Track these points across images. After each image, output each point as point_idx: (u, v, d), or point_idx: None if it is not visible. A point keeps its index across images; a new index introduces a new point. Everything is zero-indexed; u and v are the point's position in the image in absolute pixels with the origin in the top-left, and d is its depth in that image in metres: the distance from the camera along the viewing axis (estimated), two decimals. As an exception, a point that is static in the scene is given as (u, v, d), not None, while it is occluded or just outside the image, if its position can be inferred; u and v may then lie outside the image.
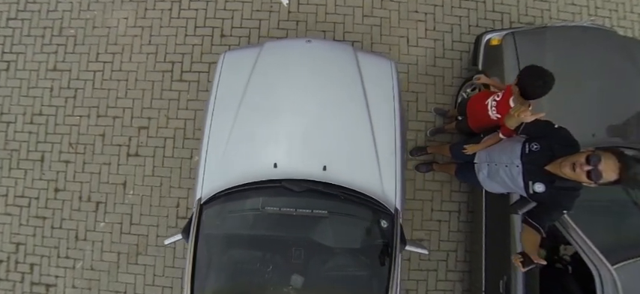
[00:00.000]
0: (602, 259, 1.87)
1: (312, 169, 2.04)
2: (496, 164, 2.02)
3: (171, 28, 3.12)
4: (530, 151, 1.82)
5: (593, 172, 1.54)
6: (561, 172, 1.66)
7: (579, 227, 1.97)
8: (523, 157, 1.84)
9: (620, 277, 1.83)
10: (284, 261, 1.95)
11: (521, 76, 1.83)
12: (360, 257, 1.98)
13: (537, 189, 1.78)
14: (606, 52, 2.49)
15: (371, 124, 2.14)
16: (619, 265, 1.85)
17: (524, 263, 1.67)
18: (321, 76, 2.20)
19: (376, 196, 2.04)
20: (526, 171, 1.83)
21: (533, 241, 1.74)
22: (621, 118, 2.37)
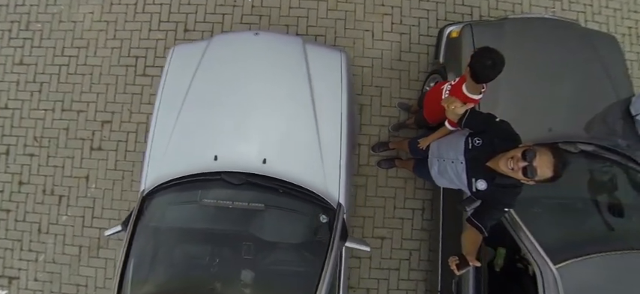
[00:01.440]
0: (545, 259, 1.81)
1: (251, 162, 2.03)
2: (444, 160, 1.98)
3: (135, 22, 3.15)
4: (472, 146, 1.76)
5: (529, 169, 1.48)
6: (499, 168, 1.60)
7: (525, 226, 1.91)
8: (466, 153, 1.79)
9: (562, 277, 1.76)
10: (220, 254, 1.94)
11: (472, 58, 1.78)
12: (297, 252, 1.96)
13: (480, 186, 1.72)
14: (567, 45, 2.43)
15: (315, 117, 2.12)
16: (561, 265, 1.79)
17: (460, 266, 1.59)
18: (266, 69, 2.19)
19: (317, 190, 2.02)
20: (469, 167, 1.78)
21: (473, 241, 1.68)
22: (582, 111, 2.30)
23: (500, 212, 1.70)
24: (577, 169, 2.22)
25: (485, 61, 1.72)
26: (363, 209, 2.92)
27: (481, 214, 1.71)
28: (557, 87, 2.31)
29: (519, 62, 2.32)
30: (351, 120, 2.23)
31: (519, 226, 1.91)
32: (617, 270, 1.83)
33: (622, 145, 2.32)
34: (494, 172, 1.65)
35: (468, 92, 1.96)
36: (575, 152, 2.17)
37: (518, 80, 2.29)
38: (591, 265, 1.80)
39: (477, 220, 1.70)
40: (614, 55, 2.54)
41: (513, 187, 1.65)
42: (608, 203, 2.15)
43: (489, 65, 1.71)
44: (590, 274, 1.79)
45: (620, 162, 2.22)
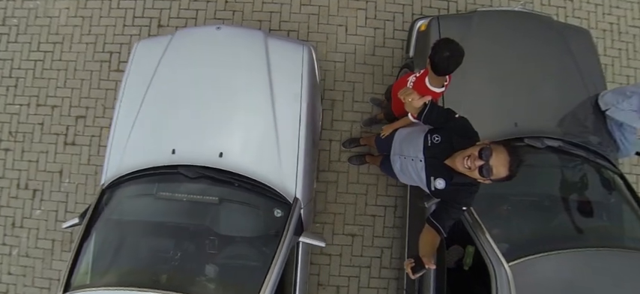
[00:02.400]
0: (499, 256, 1.78)
1: (208, 155, 2.04)
2: (405, 158, 1.94)
3: (110, 18, 3.18)
4: (431, 143, 1.72)
5: (485, 168, 1.45)
6: (456, 166, 1.57)
7: (482, 223, 1.89)
8: (425, 151, 1.75)
9: (514, 275, 1.74)
10: (174, 247, 1.95)
11: (431, 50, 1.76)
12: (251, 246, 1.97)
13: (438, 185, 1.69)
14: (537, 38, 2.40)
15: (274, 111, 2.12)
16: (514, 263, 1.77)
17: (415, 268, 1.54)
18: (226, 63, 2.21)
19: (273, 184, 2.02)
20: (428, 165, 1.74)
21: (430, 242, 1.64)
22: (550, 106, 2.27)
23: (458, 211, 1.65)
24: (542, 164, 2.20)
25: (444, 52, 1.71)
26: (333, 206, 2.92)
27: (440, 214, 1.67)
28: (526, 81, 2.29)
29: (487, 55, 2.31)
30: (312, 115, 2.23)
31: (477, 223, 1.89)
32: (572, 268, 1.80)
33: (593, 143, 2.29)
34: (453, 170, 1.62)
35: (431, 85, 1.95)
36: (541, 147, 2.14)
37: (485, 74, 2.28)
38: (545, 263, 1.78)
39: (435, 220, 1.66)
40: (587, 49, 2.51)
41: (471, 185, 1.62)
42: (573, 200, 2.12)
43: (447, 57, 1.70)
44: (545, 271, 1.77)
45: (588, 158, 2.19)
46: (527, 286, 1.74)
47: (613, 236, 2.03)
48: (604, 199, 2.17)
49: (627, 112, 2.22)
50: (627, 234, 2.07)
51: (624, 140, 2.33)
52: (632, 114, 2.22)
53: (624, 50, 3.40)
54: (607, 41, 3.40)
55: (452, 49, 1.68)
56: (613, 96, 2.28)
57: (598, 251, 1.83)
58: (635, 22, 3.45)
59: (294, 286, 2.03)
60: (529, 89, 2.26)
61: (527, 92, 2.26)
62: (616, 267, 1.82)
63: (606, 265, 1.82)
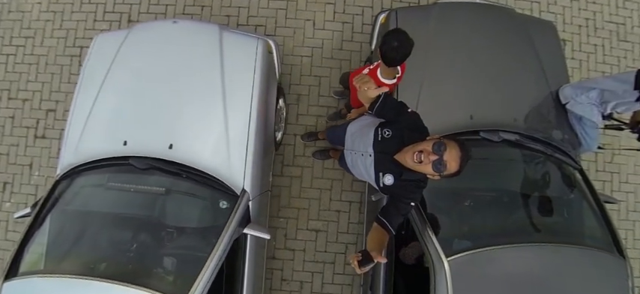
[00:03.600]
0: (438, 251, 1.80)
1: (158, 147, 2.09)
2: (355, 152, 1.91)
3: (81, 13, 3.25)
4: (382, 138, 1.68)
5: (439, 163, 1.43)
6: (406, 162, 1.54)
7: (425, 217, 1.91)
8: (375, 146, 1.71)
9: (451, 269, 1.75)
10: (121, 237, 2.00)
11: (381, 41, 1.78)
12: (196, 236, 2.01)
13: (387, 181, 1.66)
14: (498, 30, 2.40)
15: (224, 104, 2.16)
16: (453, 258, 1.78)
17: (362, 263, 1.47)
18: (179, 56, 2.25)
19: (221, 176, 2.06)
20: (377, 161, 1.70)
21: (378, 239, 1.60)
22: (509, 99, 2.27)
23: (406, 207, 1.63)
24: (498, 158, 2.21)
25: (392, 42, 1.73)
26: (297, 201, 2.95)
27: (388, 210, 1.64)
28: (484, 74, 2.28)
29: (445, 48, 2.32)
30: (264, 109, 2.27)
31: (420, 217, 1.90)
32: (513, 263, 1.81)
33: (556, 138, 2.29)
34: (402, 166, 1.59)
35: (382, 77, 1.98)
36: (497, 141, 2.13)
37: (442, 66, 2.28)
38: (486, 257, 1.78)
39: (384, 217, 1.63)
40: (550, 42, 2.50)
41: (419, 181, 1.61)
42: (526, 194, 2.13)
43: (395, 47, 1.72)
44: (484, 267, 1.78)
45: (545, 152, 2.19)
46: (466, 281, 1.75)
47: (563, 232, 2.03)
48: (558, 194, 2.18)
49: (586, 106, 2.22)
50: (579, 230, 2.08)
51: (585, 135, 2.33)
52: (592, 107, 2.22)
53: (600, 46, 3.39)
54: (582, 37, 3.39)
55: (400, 39, 1.70)
56: (572, 89, 2.28)
57: (542, 246, 1.84)
58: (612, 17, 3.44)
59: (241, 279, 2.08)
60: (487, 82, 2.27)
61: (485, 85, 2.26)
62: (560, 262, 1.83)
63: (550, 261, 1.82)
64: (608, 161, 3.34)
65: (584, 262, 1.85)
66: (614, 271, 1.88)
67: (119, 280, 1.72)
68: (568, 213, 2.11)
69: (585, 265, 1.85)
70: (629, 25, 3.45)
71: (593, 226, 2.05)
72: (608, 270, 1.88)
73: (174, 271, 1.88)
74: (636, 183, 3.33)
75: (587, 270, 1.84)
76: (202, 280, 1.73)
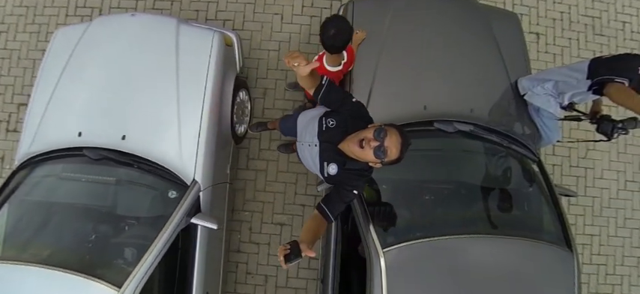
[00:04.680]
0: (375, 242, 1.82)
1: (111, 138, 2.16)
2: (302, 143, 1.93)
3: (54, 8, 3.34)
4: (326, 127, 1.69)
5: (379, 149, 1.45)
6: (349, 150, 1.56)
7: (365, 209, 1.93)
8: (320, 135, 1.72)
9: (386, 260, 1.78)
10: (73, 226, 2.07)
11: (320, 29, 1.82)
12: (144, 226, 2.06)
13: (331, 171, 1.68)
14: (458, 21, 2.42)
15: (178, 96, 2.22)
16: (389, 249, 1.80)
17: (289, 256, 1.38)
18: (136, 48, 2.31)
19: (171, 167, 2.12)
20: (322, 150, 1.71)
21: (314, 229, 1.60)
22: (466, 90, 2.28)
23: (349, 194, 1.64)
24: (453, 149, 2.23)
25: (329, 30, 1.77)
26: (262, 194, 3.00)
27: (330, 198, 1.66)
28: (441, 64, 2.30)
29: (402, 38, 2.34)
30: (218, 100, 2.32)
31: (362, 208, 1.93)
32: (453, 254, 1.83)
33: (517, 130, 2.29)
34: (345, 155, 1.61)
35: (328, 65, 2.03)
36: (451, 132, 2.15)
37: (399, 56, 2.30)
38: (422, 249, 1.81)
39: (325, 204, 1.65)
40: (512, 33, 2.52)
41: (362, 171, 1.63)
42: (480, 186, 2.15)
43: (332, 34, 1.77)
44: (421, 258, 1.80)
45: (501, 143, 2.20)
46: (402, 273, 1.78)
47: (512, 224, 2.05)
48: (512, 186, 2.20)
49: (542, 97, 2.23)
50: (529, 222, 2.09)
51: (544, 127, 2.34)
52: (548, 99, 2.23)
53: (575, 40, 3.40)
54: (557, 30, 3.40)
55: (337, 26, 1.74)
56: (529, 81, 2.30)
57: (486, 238, 1.86)
58: (588, 10, 3.44)
59: (191, 270, 2.13)
60: (444, 73, 2.28)
61: (442, 76, 2.28)
62: (505, 255, 1.85)
63: (494, 253, 1.85)
64: (582, 157, 3.34)
65: (529, 254, 1.86)
66: (560, 264, 1.89)
67: (65, 268, 1.78)
68: (520, 205, 2.13)
69: (531, 258, 1.86)
70: (604, 19, 3.45)
71: (544, 218, 2.07)
72: (555, 263, 1.88)
73: (120, 259, 1.94)
74: (611, 178, 3.33)
75: (532, 262, 1.85)
76: (141, 269, 1.79)
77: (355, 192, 1.62)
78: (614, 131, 2.13)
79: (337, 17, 1.76)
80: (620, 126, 2.10)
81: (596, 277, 3.25)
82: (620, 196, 3.33)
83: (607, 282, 3.27)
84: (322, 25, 1.75)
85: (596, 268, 3.26)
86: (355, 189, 1.61)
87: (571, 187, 3.29)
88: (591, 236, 3.28)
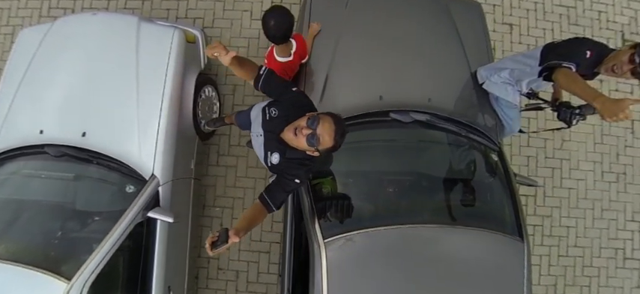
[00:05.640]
0: (317, 233, 1.86)
1: (72, 135, 2.23)
2: (252, 134, 1.99)
3: (27, 9, 3.42)
4: (270, 117, 1.73)
5: (312, 137, 1.49)
6: (287, 139, 1.60)
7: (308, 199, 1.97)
8: (264, 125, 1.77)
9: (327, 251, 1.81)
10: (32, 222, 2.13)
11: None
12: (103, 221, 2.12)
13: (273, 160, 1.73)
14: (418, 10, 2.44)
15: (137, 92, 2.28)
16: (330, 239, 1.84)
17: (216, 243, 1.44)
18: (97, 46, 2.38)
19: (131, 162, 2.19)
20: (266, 140, 1.76)
21: (250, 218, 1.66)
22: (424, 80, 2.29)
23: (291, 183, 1.67)
24: (409, 139, 2.24)
25: (269, 21, 1.82)
26: (233, 190, 3.06)
27: (272, 189, 1.69)
28: (399, 54, 2.31)
29: (359, 28, 2.34)
30: (178, 96, 2.37)
31: (308, 198, 1.97)
32: (394, 243, 1.85)
33: (476, 119, 2.32)
34: (286, 145, 1.65)
35: (277, 56, 2.09)
36: (407, 122, 2.16)
37: (356, 46, 2.30)
38: (363, 239, 1.83)
39: (267, 195, 1.69)
40: (474, 23, 2.52)
41: (303, 159, 1.66)
42: (436, 176, 2.18)
43: (272, 25, 1.81)
44: (362, 248, 1.83)
45: (459, 133, 2.20)
46: (343, 262, 1.81)
47: (465, 213, 2.08)
48: (469, 175, 2.22)
49: (500, 86, 2.24)
50: (483, 212, 2.12)
51: (505, 116, 2.35)
52: (506, 87, 2.23)
53: (549, 30, 3.41)
54: (531, 21, 3.42)
55: (276, 16, 1.78)
56: (486, 70, 2.32)
57: (435, 228, 1.88)
58: (563, 1, 3.45)
59: (151, 263, 2.19)
60: (401, 62, 2.29)
61: (399, 65, 2.29)
62: (454, 244, 1.88)
63: (442, 242, 1.87)
64: (558, 148, 3.36)
65: (478, 244, 1.89)
66: (510, 253, 1.91)
67: (16, 261, 1.85)
68: (476, 195, 2.15)
69: (480, 247, 1.88)
70: (580, 9, 3.46)
71: (499, 208, 2.09)
72: (505, 252, 1.91)
73: (75, 253, 2.00)
74: (587, 169, 3.35)
75: (481, 252, 1.88)
76: (92, 262, 1.85)
77: (297, 181, 1.65)
78: (573, 117, 2.13)
79: (276, 8, 1.81)
80: (577, 112, 2.11)
81: (572, 269, 3.27)
82: (597, 187, 3.35)
83: (584, 274, 3.28)
84: (262, 18, 1.81)
85: (573, 260, 3.28)
86: (297, 178, 1.65)
87: (546, 178, 3.32)
88: (568, 228, 3.30)
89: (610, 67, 1.77)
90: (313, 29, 2.29)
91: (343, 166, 2.12)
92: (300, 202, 2.06)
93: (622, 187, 3.36)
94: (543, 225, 3.28)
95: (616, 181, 3.36)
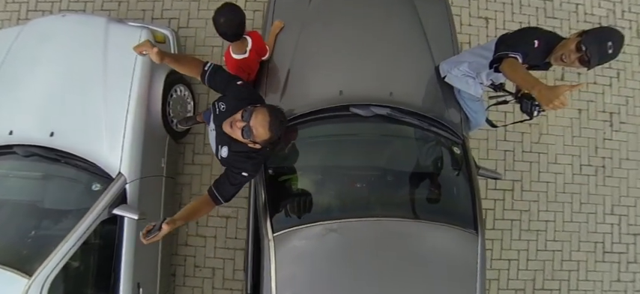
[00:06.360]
0: (267, 227, 1.91)
1: (40, 135, 2.30)
2: (209, 129, 2.04)
3: (6, 12, 3.50)
4: (219, 111, 1.80)
5: (245, 129, 1.55)
6: (227, 132, 1.65)
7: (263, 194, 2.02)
8: (215, 120, 1.83)
9: (276, 244, 1.86)
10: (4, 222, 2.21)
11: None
12: (70, 219, 2.18)
13: (223, 154, 1.80)
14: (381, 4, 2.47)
15: (105, 92, 2.35)
16: (279, 233, 1.89)
17: (152, 232, 1.52)
18: (65, 48, 2.45)
19: (97, 161, 2.26)
20: (217, 134, 1.82)
21: (192, 210, 1.72)
22: (385, 74, 2.31)
23: (238, 176, 1.73)
24: (369, 133, 2.26)
25: (219, 19, 1.88)
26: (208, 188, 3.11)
27: (220, 182, 1.76)
28: (360, 48, 2.32)
29: (321, 23, 2.37)
30: (145, 95, 2.44)
31: (263, 192, 2.02)
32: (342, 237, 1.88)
33: (439, 113, 2.33)
34: (232, 138, 1.69)
35: (233, 53, 2.15)
36: (368, 116, 2.18)
37: (316, 42, 2.33)
38: (313, 232, 1.88)
39: (215, 188, 1.75)
40: (439, 15, 2.54)
41: (249, 152, 1.72)
42: (396, 169, 2.22)
43: (221, 23, 1.88)
44: (311, 241, 1.87)
45: (422, 126, 2.23)
46: (292, 256, 1.86)
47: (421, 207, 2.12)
48: (430, 168, 2.26)
49: (460, 78, 2.25)
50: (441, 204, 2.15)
51: (469, 109, 2.38)
52: (466, 79, 2.24)
53: (526, 23, 3.44)
54: (507, 14, 3.45)
55: (226, 14, 1.85)
56: (447, 63, 2.33)
57: (386, 221, 1.91)
58: (539, -7, 3.48)
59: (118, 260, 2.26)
60: (362, 57, 2.31)
61: (360, 60, 2.30)
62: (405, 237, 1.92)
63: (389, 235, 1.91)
64: (535, 141, 3.38)
65: (431, 236, 1.93)
66: (463, 245, 1.94)
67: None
68: (435, 187, 2.19)
69: (432, 240, 1.92)
70: (556, 1, 3.49)
71: (457, 201, 2.13)
72: (458, 245, 1.94)
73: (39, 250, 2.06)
74: (565, 163, 3.37)
75: (433, 244, 1.91)
76: (54, 258, 1.93)
77: (244, 174, 1.71)
78: (533, 109, 2.13)
79: (226, 5, 1.87)
80: (536, 103, 2.11)
81: (551, 263, 3.30)
82: (575, 180, 3.37)
83: (563, 268, 3.31)
84: (213, 16, 1.86)
85: (552, 254, 3.30)
86: (244, 171, 1.70)
87: (524, 173, 3.35)
88: (546, 222, 3.32)
89: (558, 56, 1.79)
90: (275, 27, 2.34)
91: (303, 161, 2.17)
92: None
93: (601, 180, 3.38)
94: (521, 219, 3.30)
95: (595, 175, 3.38)
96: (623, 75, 3.46)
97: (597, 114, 3.42)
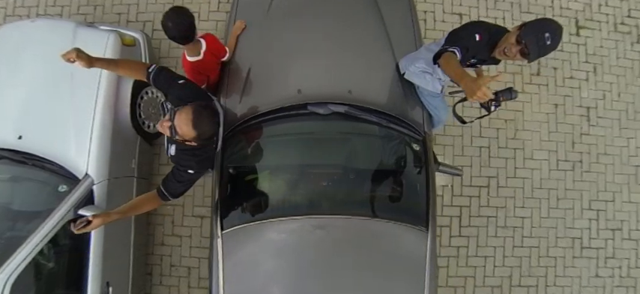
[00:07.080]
0: (216, 224, 1.99)
1: (8, 138, 2.39)
2: None
3: (-11, 15, 3.61)
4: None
5: (171, 127, 1.63)
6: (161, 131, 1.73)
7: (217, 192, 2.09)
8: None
9: (224, 242, 1.93)
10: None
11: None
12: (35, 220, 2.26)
13: (171, 152, 1.90)
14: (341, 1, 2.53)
15: (72, 96, 2.44)
16: (228, 231, 1.96)
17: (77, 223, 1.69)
18: (34, 52, 2.54)
19: (64, 163, 2.34)
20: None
21: (133, 206, 1.84)
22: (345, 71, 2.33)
23: (183, 175, 1.82)
24: (326, 131, 2.29)
25: (166, 23, 1.95)
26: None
27: (168, 180, 1.85)
28: (319, 46, 2.36)
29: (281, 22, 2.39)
30: (113, 97, 2.52)
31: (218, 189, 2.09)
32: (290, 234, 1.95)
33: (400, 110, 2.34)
34: None
35: (188, 56, 2.21)
36: (325, 114, 2.20)
37: (275, 41, 2.38)
38: (262, 230, 1.95)
39: (163, 186, 1.85)
40: (402, 12, 2.56)
41: (194, 150, 1.80)
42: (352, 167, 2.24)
43: (170, 27, 1.95)
44: (260, 239, 1.94)
45: (381, 123, 2.24)
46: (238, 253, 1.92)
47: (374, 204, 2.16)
48: (388, 165, 2.29)
49: (419, 75, 2.25)
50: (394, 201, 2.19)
51: (430, 105, 2.38)
52: (424, 76, 2.24)
53: (500, 19, 3.47)
54: (481, 10, 3.49)
55: (173, 18, 1.92)
56: (406, 60, 2.35)
57: (330, 218, 1.97)
58: (515, -13, 3.50)
59: (86, 258, 2.34)
60: (321, 55, 2.35)
61: (318, 58, 2.34)
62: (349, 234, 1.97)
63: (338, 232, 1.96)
64: (511, 137, 3.41)
65: (382, 234, 1.97)
66: (412, 242, 1.99)
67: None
68: (391, 185, 2.22)
69: (380, 237, 1.97)
70: (532, -5, 3.51)
71: (411, 198, 2.17)
72: (406, 242, 1.99)
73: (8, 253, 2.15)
74: (542, 159, 3.40)
75: (381, 242, 1.96)
76: (16, 258, 2.01)
77: (190, 172, 1.80)
78: (490, 103, 2.15)
79: (173, 9, 1.93)
80: (493, 98, 2.13)
81: (528, 259, 3.32)
82: (552, 176, 3.39)
83: (540, 264, 3.33)
84: (161, 20, 1.93)
85: (529, 250, 3.33)
86: (190, 169, 1.79)
87: (500, 169, 3.38)
88: (523, 218, 3.35)
89: (501, 50, 1.82)
90: (236, 27, 2.40)
91: (261, 160, 2.23)
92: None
93: (578, 176, 3.40)
94: (497, 216, 3.33)
95: (572, 170, 3.40)
96: (600, 69, 3.47)
97: (574, 109, 3.44)
